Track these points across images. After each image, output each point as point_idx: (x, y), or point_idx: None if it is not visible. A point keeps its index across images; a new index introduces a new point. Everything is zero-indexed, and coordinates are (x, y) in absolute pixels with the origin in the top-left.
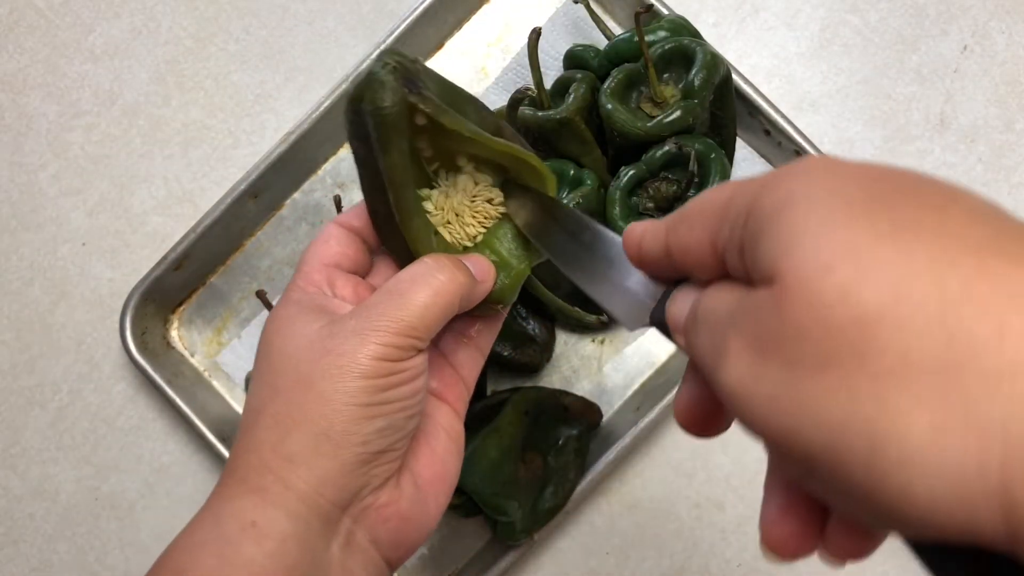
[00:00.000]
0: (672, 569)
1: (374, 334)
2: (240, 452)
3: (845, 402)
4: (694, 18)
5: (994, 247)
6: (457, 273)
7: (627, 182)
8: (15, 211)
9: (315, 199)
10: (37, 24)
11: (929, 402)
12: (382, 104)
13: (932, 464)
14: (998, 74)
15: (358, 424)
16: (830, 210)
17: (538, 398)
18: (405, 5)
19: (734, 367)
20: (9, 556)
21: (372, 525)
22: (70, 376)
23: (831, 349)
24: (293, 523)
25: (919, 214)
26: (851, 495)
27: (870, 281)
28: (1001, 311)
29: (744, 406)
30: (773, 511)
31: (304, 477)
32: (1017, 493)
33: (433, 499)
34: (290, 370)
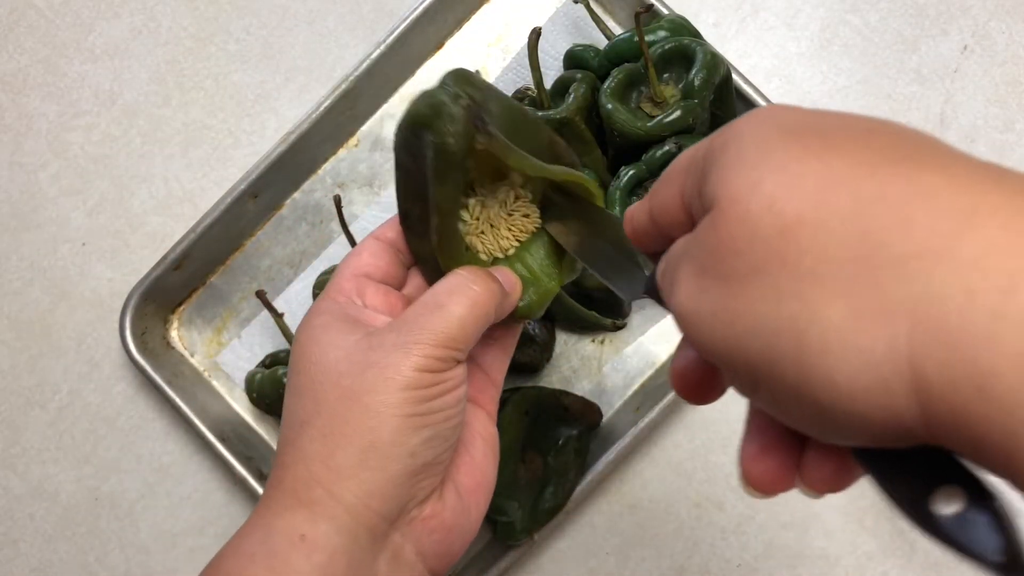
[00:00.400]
0: (672, 569)
1: (416, 347)
2: (287, 464)
3: (773, 305)
4: (694, 18)
5: (910, 159)
6: (491, 284)
7: (627, 182)
8: (15, 211)
9: (315, 199)
10: (37, 24)
11: (844, 292)
12: (447, 140)
13: (848, 349)
14: (998, 74)
15: (405, 435)
16: (766, 139)
17: (538, 398)
18: (405, 5)
19: (682, 291)
20: (9, 556)
21: (418, 537)
22: (70, 376)
23: (759, 258)
24: (342, 537)
25: (848, 136)
26: (789, 399)
27: (794, 191)
28: (909, 206)
29: (692, 325)
30: (752, 449)
31: (353, 490)
32: (923, 364)
33: (475, 507)
34: (331, 383)
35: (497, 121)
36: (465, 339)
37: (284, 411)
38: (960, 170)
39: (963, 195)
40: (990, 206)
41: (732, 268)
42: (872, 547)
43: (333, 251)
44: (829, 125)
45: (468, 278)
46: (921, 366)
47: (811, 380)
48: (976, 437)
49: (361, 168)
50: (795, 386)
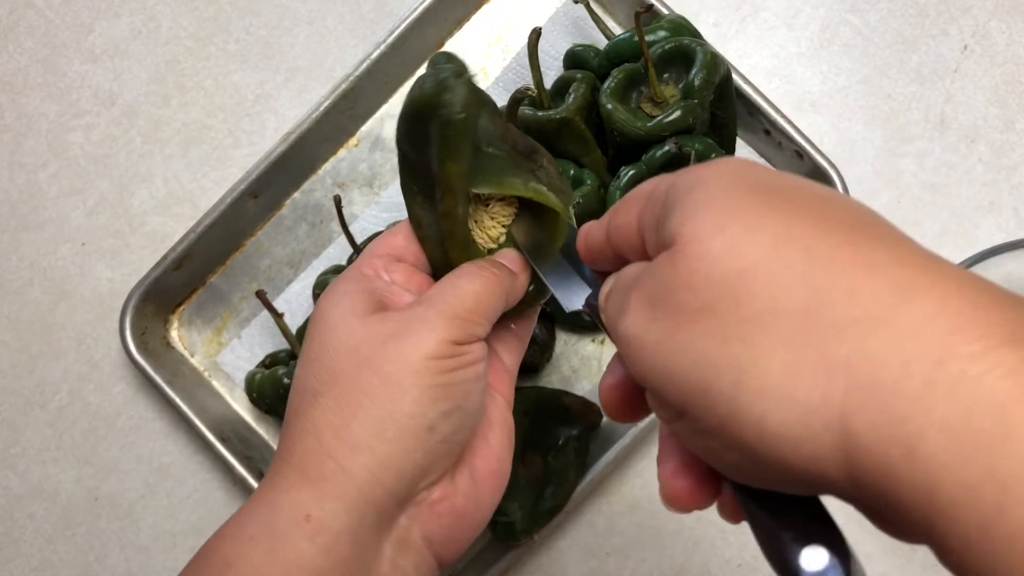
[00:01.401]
0: (672, 569)
1: (437, 318)
2: (296, 435)
3: (718, 343)
4: (694, 18)
5: (861, 232)
6: (498, 270)
7: (627, 182)
8: (15, 211)
9: (315, 199)
10: (37, 24)
11: (787, 344)
12: (455, 112)
13: (784, 397)
14: (998, 74)
15: (425, 406)
16: (732, 189)
17: (538, 398)
18: (405, 5)
19: (630, 319)
20: (9, 556)
21: (426, 521)
22: (70, 376)
23: (712, 297)
24: (349, 517)
25: (808, 201)
26: (714, 432)
27: (754, 240)
28: (856, 273)
29: (634, 349)
30: (670, 467)
31: (367, 463)
32: (855, 421)
33: (488, 495)
34: (349, 352)
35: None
36: (483, 313)
37: (295, 380)
38: (904, 250)
39: (906, 270)
40: (928, 283)
41: (683, 302)
42: (872, 547)
43: (333, 251)
44: (791, 188)
45: (479, 264)
46: (853, 422)
47: (740, 420)
48: (898, 496)
49: (361, 168)
50: (723, 422)
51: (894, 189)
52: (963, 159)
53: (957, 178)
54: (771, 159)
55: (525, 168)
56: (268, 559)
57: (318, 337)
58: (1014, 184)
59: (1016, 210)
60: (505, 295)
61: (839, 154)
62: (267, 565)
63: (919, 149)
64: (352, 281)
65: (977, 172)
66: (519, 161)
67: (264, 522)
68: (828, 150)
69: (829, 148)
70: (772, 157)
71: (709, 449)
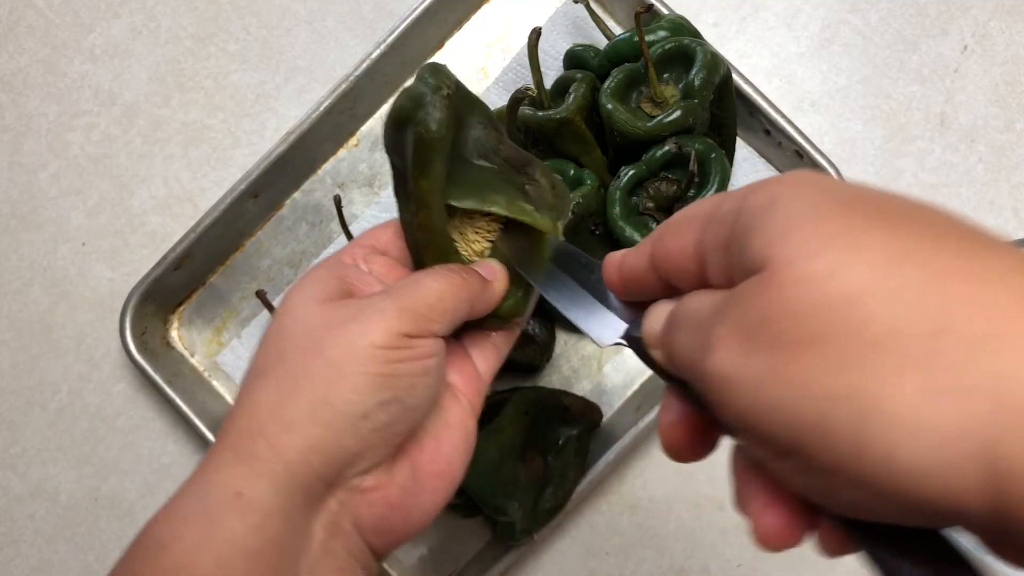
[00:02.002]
0: (672, 569)
1: (392, 308)
2: (234, 416)
3: (834, 374)
4: (694, 18)
5: (966, 240)
6: (467, 275)
7: (627, 182)
8: (15, 211)
9: (315, 199)
10: (37, 24)
11: (916, 367)
12: (429, 128)
13: (917, 427)
14: (998, 74)
15: (362, 394)
16: (819, 205)
17: (538, 398)
18: (405, 5)
19: (721, 357)
20: (9, 556)
21: (357, 508)
22: (70, 376)
23: (820, 325)
24: (279, 496)
25: (903, 211)
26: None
27: (859, 260)
28: (980, 288)
29: (732, 392)
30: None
31: (296, 444)
32: (1005, 448)
33: (430, 494)
34: (300, 336)
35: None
36: (442, 312)
37: (251, 361)
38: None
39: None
40: None
41: (786, 332)
42: None
43: (333, 251)
44: (879, 200)
45: (447, 266)
46: (1002, 449)
47: (866, 454)
48: None
49: (361, 168)
50: (843, 458)
51: (894, 189)
52: (963, 159)
53: (957, 178)
54: (771, 159)
55: (515, 183)
56: (201, 538)
57: (277, 320)
58: (1014, 184)
59: (1016, 210)
60: (470, 299)
61: (839, 154)
62: (200, 544)
63: (919, 149)
64: (326, 268)
65: (977, 172)
66: (509, 175)
67: (197, 501)
68: (828, 150)
69: (829, 148)
70: (772, 157)
71: (821, 487)
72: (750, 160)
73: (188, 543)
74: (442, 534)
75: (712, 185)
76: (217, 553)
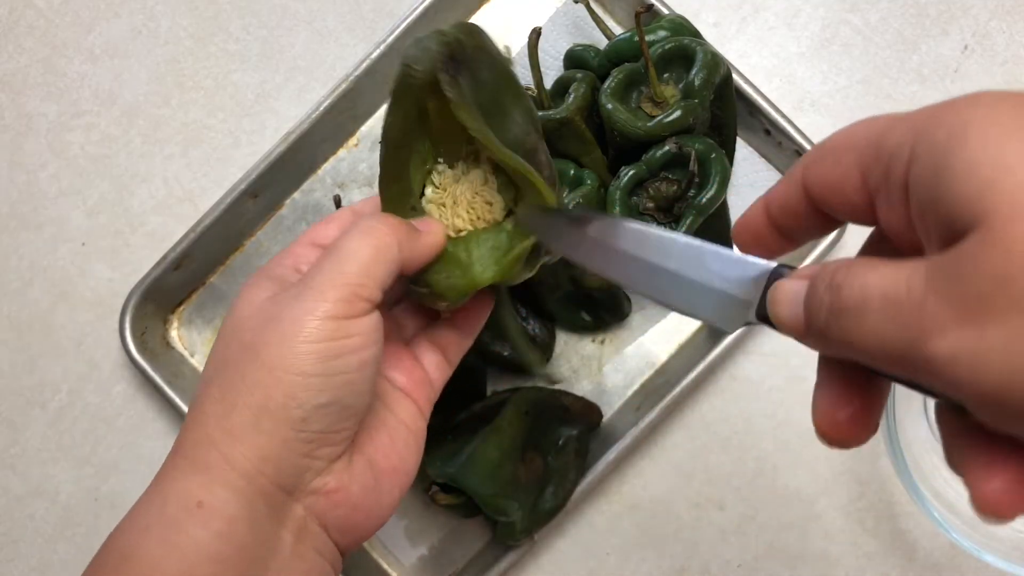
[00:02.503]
0: (672, 569)
1: (317, 293)
2: (186, 427)
3: None
4: (694, 18)
5: None
6: (396, 222)
7: (627, 182)
8: (15, 211)
9: (315, 199)
10: (37, 24)
11: None
12: (411, 67)
13: None
14: (998, 74)
15: (298, 398)
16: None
17: (538, 398)
18: (405, 5)
19: (950, 338)
20: (9, 556)
21: (322, 511)
22: (70, 376)
23: None
24: (239, 503)
25: None
26: None
27: None
28: None
29: (974, 372)
30: (981, 466)
31: (246, 454)
32: None
33: (388, 490)
34: (236, 339)
35: (479, 88)
36: (371, 277)
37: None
38: None
39: None
40: None
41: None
42: (872, 548)
43: None
44: None
45: (369, 219)
46: None
47: None
48: None
49: (361, 168)
50: None
51: None
52: None
53: None
54: (771, 159)
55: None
56: (164, 549)
57: (222, 326)
58: None
59: None
60: (399, 250)
61: None
62: (164, 554)
63: None
64: (263, 276)
65: None
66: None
67: (157, 511)
68: None
69: None
70: (772, 157)
71: None
72: (750, 160)
73: (152, 553)
74: (442, 534)
75: (712, 185)
76: (182, 561)
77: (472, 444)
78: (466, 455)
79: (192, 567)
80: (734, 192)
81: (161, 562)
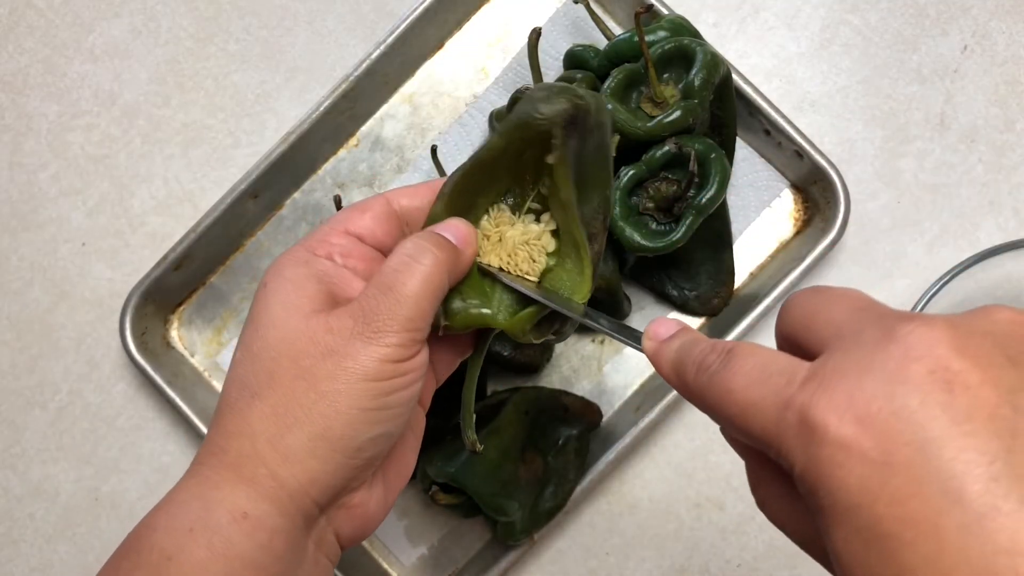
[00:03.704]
0: (672, 569)
1: (376, 336)
2: (231, 433)
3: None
4: (694, 18)
5: None
6: (439, 252)
7: (627, 182)
8: (15, 211)
9: (315, 199)
10: (37, 24)
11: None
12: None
13: None
14: (998, 74)
15: (357, 429)
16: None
17: (538, 398)
18: (405, 5)
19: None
20: (9, 556)
21: (340, 523)
22: (70, 376)
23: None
24: (282, 518)
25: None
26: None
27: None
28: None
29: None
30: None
31: (297, 476)
32: None
33: (390, 496)
34: (289, 360)
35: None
36: (423, 318)
37: (233, 368)
38: None
39: None
40: None
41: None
42: None
43: None
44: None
45: (414, 251)
46: None
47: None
48: None
49: (361, 168)
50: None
51: (894, 189)
52: (963, 159)
53: (957, 178)
54: (771, 159)
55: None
56: (209, 554)
57: (261, 329)
58: (1014, 184)
59: (1016, 210)
60: (448, 280)
61: (839, 154)
62: (209, 559)
63: (919, 149)
64: (300, 265)
65: (977, 172)
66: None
67: (200, 516)
68: (828, 150)
69: (829, 148)
70: (772, 157)
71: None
72: (750, 160)
73: (196, 558)
74: (442, 534)
75: (712, 185)
76: (227, 568)
77: None
78: (466, 455)
79: (235, 573)
80: (734, 192)
81: (207, 566)
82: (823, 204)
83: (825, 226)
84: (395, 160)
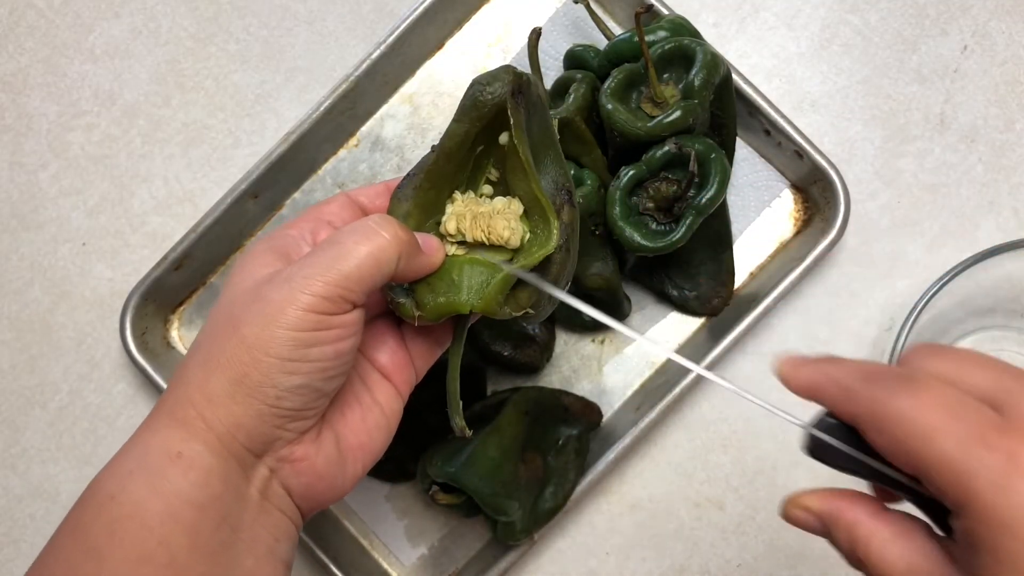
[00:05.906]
0: (672, 569)
1: (304, 282)
2: (172, 383)
3: None
4: (694, 18)
5: None
6: (400, 233)
7: (627, 182)
8: (15, 211)
9: (315, 199)
10: (37, 24)
11: None
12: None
13: None
14: (998, 74)
15: (273, 377)
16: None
17: (538, 398)
18: (405, 5)
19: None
20: (9, 556)
21: (286, 476)
22: (70, 376)
23: None
24: (215, 458)
25: None
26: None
27: None
28: None
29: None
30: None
31: (221, 418)
32: None
33: (352, 464)
34: (225, 311)
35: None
36: (359, 281)
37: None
38: None
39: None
40: None
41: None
42: None
43: None
44: None
45: (378, 222)
46: None
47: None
48: None
49: (361, 168)
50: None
51: (894, 189)
52: (963, 159)
53: (957, 178)
54: (771, 159)
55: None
56: (149, 491)
57: (222, 292)
58: (1014, 184)
59: (1016, 210)
60: (397, 263)
61: (839, 154)
62: (147, 496)
63: (919, 149)
64: (268, 240)
65: (977, 172)
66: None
67: (140, 458)
68: (828, 150)
69: (829, 148)
70: (772, 157)
71: None
72: (750, 160)
73: (136, 495)
74: (442, 534)
75: (712, 185)
76: (165, 504)
77: (472, 444)
78: (466, 455)
79: (174, 509)
80: (734, 192)
81: (145, 502)
82: (823, 204)
83: (825, 226)
84: (395, 160)
